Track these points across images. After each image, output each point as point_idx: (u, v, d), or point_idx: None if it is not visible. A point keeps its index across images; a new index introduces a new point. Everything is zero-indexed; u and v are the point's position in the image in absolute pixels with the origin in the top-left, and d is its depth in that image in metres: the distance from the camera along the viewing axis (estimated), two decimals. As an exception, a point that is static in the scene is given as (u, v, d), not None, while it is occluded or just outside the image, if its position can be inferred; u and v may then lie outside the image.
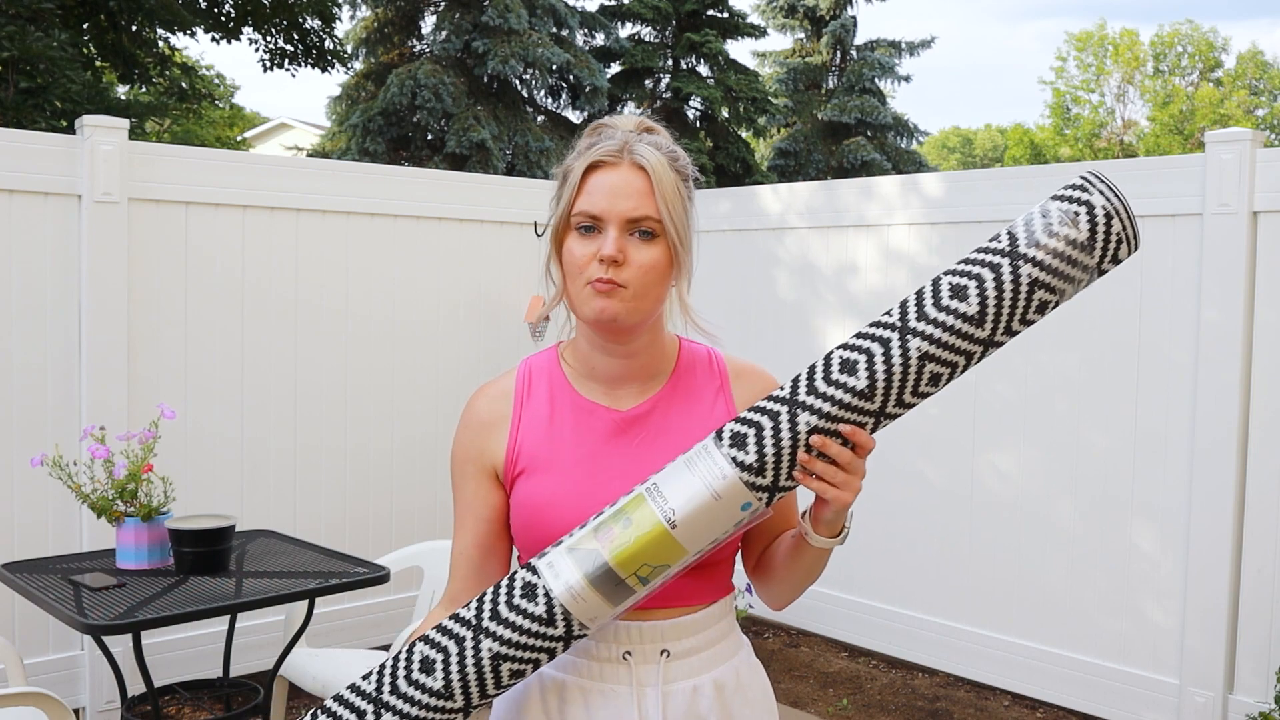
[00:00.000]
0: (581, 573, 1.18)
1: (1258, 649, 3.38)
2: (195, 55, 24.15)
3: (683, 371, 1.43)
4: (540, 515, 1.36)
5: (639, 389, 1.41)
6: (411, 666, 1.22)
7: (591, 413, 1.40)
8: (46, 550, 3.49)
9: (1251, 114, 32.61)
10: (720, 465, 1.18)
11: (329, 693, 3.02)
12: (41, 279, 3.51)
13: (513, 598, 1.20)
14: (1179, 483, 3.53)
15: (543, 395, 1.42)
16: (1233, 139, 3.38)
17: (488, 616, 1.21)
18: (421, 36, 13.64)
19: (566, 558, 1.19)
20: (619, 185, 1.32)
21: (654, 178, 1.31)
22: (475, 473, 1.42)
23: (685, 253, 1.35)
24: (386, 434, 4.29)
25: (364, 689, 1.24)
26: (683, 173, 1.37)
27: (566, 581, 1.19)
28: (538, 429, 1.40)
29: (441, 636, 1.23)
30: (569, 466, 1.37)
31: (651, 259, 1.31)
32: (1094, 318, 3.71)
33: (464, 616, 1.23)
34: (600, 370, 1.40)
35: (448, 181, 4.50)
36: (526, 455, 1.39)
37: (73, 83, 7.89)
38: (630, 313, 1.31)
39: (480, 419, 1.43)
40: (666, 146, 1.37)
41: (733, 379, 1.44)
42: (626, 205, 1.31)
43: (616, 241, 1.30)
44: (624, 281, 1.31)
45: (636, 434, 1.38)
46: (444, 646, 1.21)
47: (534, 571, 1.21)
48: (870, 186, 4.33)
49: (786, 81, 17.78)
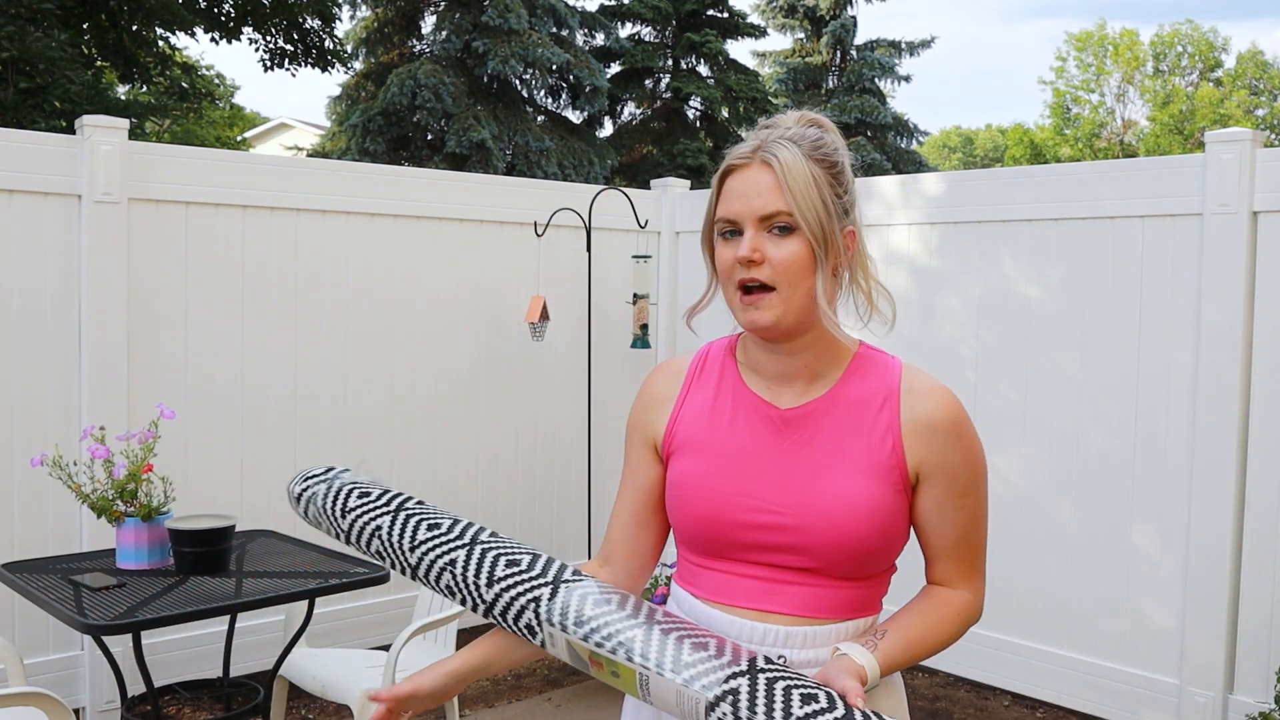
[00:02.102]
0: (567, 655, 1.34)
1: (1258, 649, 3.38)
2: (195, 55, 24.14)
3: (852, 377, 1.38)
4: (684, 497, 1.39)
5: (803, 389, 1.39)
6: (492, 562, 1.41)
7: (753, 406, 1.40)
8: (46, 550, 3.49)
9: (1251, 114, 32.61)
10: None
11: (329, 693, 3.02)
12: (41, 279, 3.51)
13: (516, 625, 1.37)
14: (1179, 483, 3.53)
15: (712, 379, 1.44)
16: (1233, 139, 3.38)
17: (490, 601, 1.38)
18: (421, 36, 13.65)
19: (562, 640, 1.33)
20: (749, 186, 1.33)
21: (780, 171, 1.31)
22: (640, 443, 1.47)
23: (826, 243, 1.32)
24: (387, 434, 4.29)
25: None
26: (825, 160, 1.33)
27: (557, 648, 1.35)
28: (699, 412, 1.43)
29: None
30: (719, 454, 1.39)
31: (790, 253, 1.31)
32: (1094, 318, 3.71)
33: (485, 598, 1.37)
34: (765, 367, 1.40)
35: (448, 181, 4.50)
36: (682, 435, 1.42)
37: (72, 83, 7.89)
38: (781, 316, 1.32)
39: (652, 393, 1.48)
40: (811, 138, 1.34)
41: (904, 395, 1.36)
42: (757, 203, 1.32)
43: (751, 241, 1.32)
44: (768, 280, 1.31)
45: (790, 435, 1.37)
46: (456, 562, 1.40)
47: (536, 628, 1.34)
48: (870, 186, 4.33)
49: (786, 81, 17.78)
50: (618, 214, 4.83)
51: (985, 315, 4.01)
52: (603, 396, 4.83)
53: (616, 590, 1.35)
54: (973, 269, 4.04)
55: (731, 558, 1.38)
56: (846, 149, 1.39)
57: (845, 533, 1.32)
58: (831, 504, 1.33)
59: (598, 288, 4.83)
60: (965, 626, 1.40)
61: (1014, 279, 3.93)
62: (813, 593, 1.35)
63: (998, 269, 3.97)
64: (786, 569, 1.36)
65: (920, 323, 4.18)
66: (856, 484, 1.33)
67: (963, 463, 1.36)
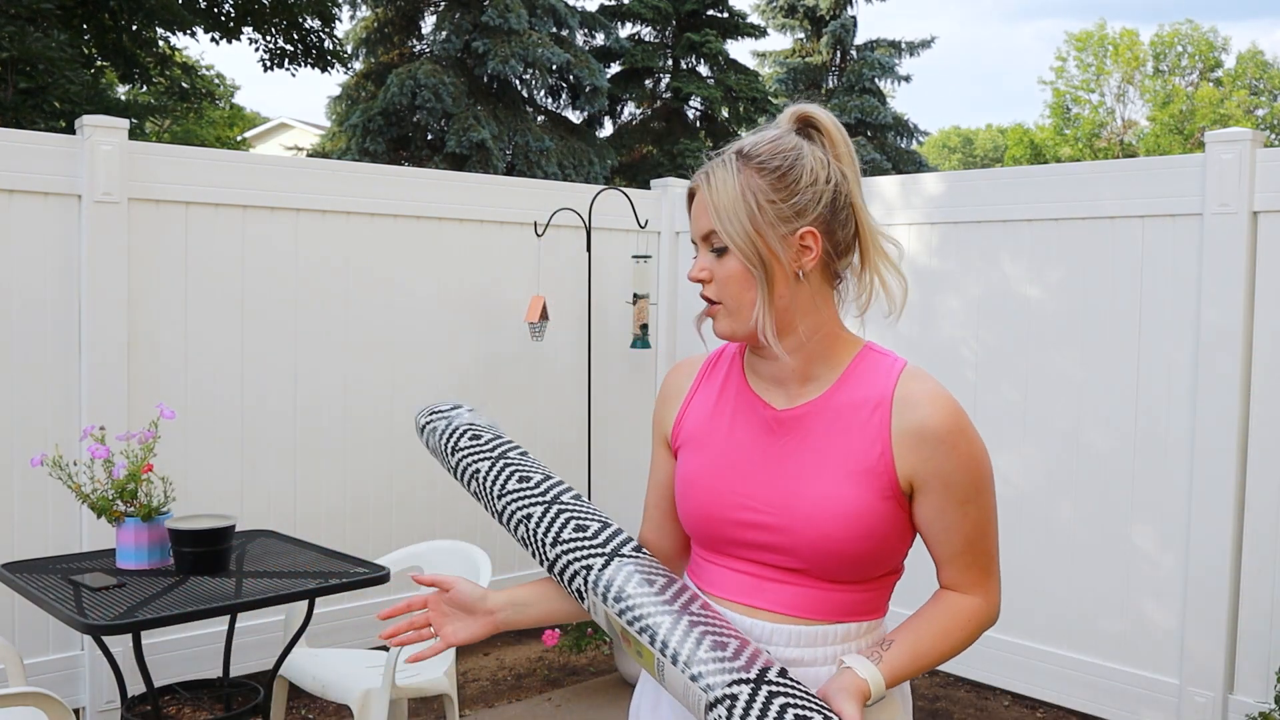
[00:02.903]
0: (605, 624, 1.40)
1: (1258, 649, 3.38)
2: (195, 55, 24.14)
3: (848, 380, 1.36)
4: (684, 492, 1.43)
5: (796, 390, 1.39)
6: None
7: (751, 405, 1.42)
8: (46, 550, 3.49)
9: (1251, 114, 32.61)
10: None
11: (329, 693, 3.02)
12: (42, 279, 3.51)
13: (570, 586, 1.43)
14: (1179, 482, 3.53)
15: (719, 378, 1.48)
16: (1233, 139, 3.38)
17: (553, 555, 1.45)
18: (421, 36, 13.65)
19: (601, 610, 1.38)
20: (696, 207, 1.37)
21: (707, 193, 1.33)
22: (658, 439, 1.53)
23: (756, 257, 1.30)
24: (387, 433, 4.29)
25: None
26: (765, 168, 1.31)
27: (597, 616, 1.40)
28: (703, 410, 1.46)
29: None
30: (716, 452, 1.42)
31: (727, 272, 1.33)
32: (1094, 317, 3.71)
33: (549, 556, 1.44)
34: (761, 368, 1.43)
35: (448, 181, 4.50)
36: (686, 432, 1.46)
37: (72, 83, 7.89)
38: (735, 327, 1.35)
39: (668, 390, 1.52)
40: (759, 147, 1.32)
41: (897, 402, 1.32)
42: (697, 226, 1.36)
43: (700, 260, 1.37)
44: (714, 297, 1.36)
45: (783, 436, 1.38)
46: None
47: (584, 593, 1.40)
48: (870, 186, 4.33)
49: (786, 81, 17.79)
50: (618, 214, 4.83)
51: (985, 315, 4.01)
52: (602, 396, 4.83)
53: (665, 572, 1.39)
54: (973, 269, 4.04)
55: (725, 553, 1.41)
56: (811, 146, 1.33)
57: (828, 536, 1.32)
58: (814, 507, 1.33)
59: (598, 288, 4.83)
60: (978, 631, 1.39)
61: (1014, 279, 3.93)
62: (802, 593, 1.35)
63: (998, 269, 3.97)
64: (776, 568, 1.37)
65: (920, 323, 4.18)
66: (842, 488, 1.32)
67: (960, 470, 1.32)
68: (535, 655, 4.44)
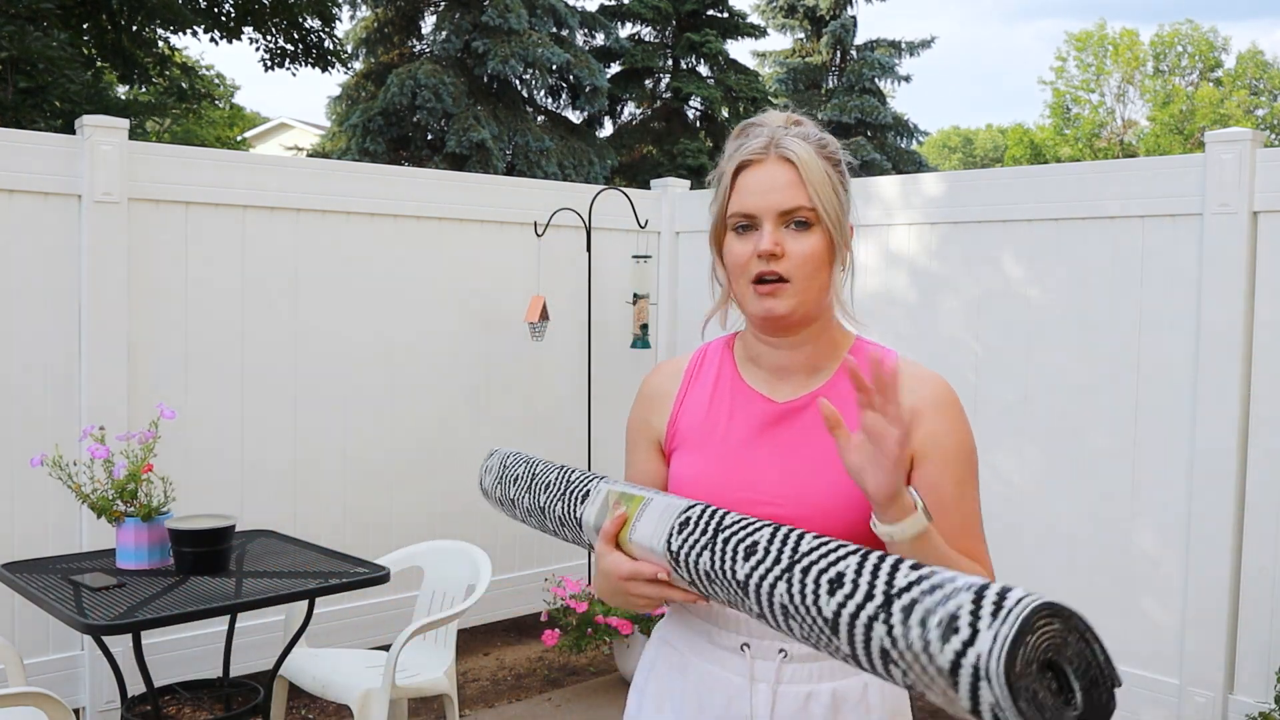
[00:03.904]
0: (595, 515, 1.39)
1: (1258, 649, 3.38)
2: (195, 55, 24.13)
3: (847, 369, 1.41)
4: (686, 491, 1.41)
5: (800, 382, 1.41)
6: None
7: (750, 400, 1.42)
8: (46, 550, 3.49)
9: (1251, 114, 32.61)
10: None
11: (329, 693, 3.02)
12: (42, 279, 3.51)
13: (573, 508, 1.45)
14: (1179, 482, 3.53)
15: (710, 376, 1.47)
16: (1233, 139, 3.38)
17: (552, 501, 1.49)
18: (421, 36, 13.64)
19: (592, 509, 1.40)
20: (768, 180, 1.35)
21: (801, 167, 1.34)
22: (643, 443, 1.51)
23: (841, 238, 1.37)
24: (387, 432, 4.29)
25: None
26: (832, 159, 1.38)
27: (595, 506, 1.40)
28: (698, 408, 1.45)
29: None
30: (717, 449, 1.41)
31: (809, 248, 1.34)
32: (1094, 317, 3.71)
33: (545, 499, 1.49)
34: (764, 360, 1.43)
35: (448, 181, 4.50)
36: (682, 432, 1.45)
37: (72, 83, 7.89)
38: (796, 306, 1.35)
39: (652, 392, 1.51)
40: (814, 135, 1.38)
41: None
42: (778, 198, 1.34)
43: (772, 235, 1.34)
44: (785, 274, 1.34)
45: (788, 427, 1.39)
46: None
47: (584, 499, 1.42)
48: (870, 187, 4.33)
49: (786, 81, 17.78)
50: (618, 214, 4.83)
51: (985, 315, 4.01)
52: (603, 396, 4.83)
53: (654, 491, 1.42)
54: (973, 269, 4.04)
55: None
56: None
57: (844, 522, 1.33)
58: (828, 495, 1.34)
59: (598, 288, 4.83)
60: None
61: (1014, 279, 3.93)
62: None
63: (998, 269, 3.97)
64: None
65: (920, 323, 4.18)
66: None
67: (954, 440, 1.37)
68: (535, 655, 4.44)
